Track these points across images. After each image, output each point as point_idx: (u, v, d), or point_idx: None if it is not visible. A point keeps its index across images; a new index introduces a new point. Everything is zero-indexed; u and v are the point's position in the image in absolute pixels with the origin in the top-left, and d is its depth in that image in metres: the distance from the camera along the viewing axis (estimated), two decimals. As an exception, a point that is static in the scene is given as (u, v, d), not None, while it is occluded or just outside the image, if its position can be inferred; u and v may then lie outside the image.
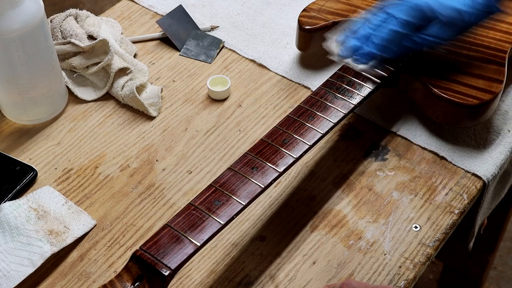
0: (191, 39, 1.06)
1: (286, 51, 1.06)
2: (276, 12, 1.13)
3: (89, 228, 0.82)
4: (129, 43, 1.04)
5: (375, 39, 0.86)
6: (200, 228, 0.69)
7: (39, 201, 0.82)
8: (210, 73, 1.02)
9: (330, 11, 1.00)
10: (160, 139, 0.93)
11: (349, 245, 0.82)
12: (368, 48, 0.87)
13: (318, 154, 0.92)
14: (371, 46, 0.87)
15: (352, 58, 0.88)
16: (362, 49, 0.87)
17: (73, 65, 0.97)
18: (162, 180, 0.88)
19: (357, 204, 0.86)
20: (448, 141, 0.93)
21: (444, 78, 0.90)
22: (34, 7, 0.85)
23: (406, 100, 0.97)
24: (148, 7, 1.13)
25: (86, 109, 0.97)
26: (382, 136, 0.94)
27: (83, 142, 0.93)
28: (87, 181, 0.88)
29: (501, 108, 0.97)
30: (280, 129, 0.81)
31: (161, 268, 0.66)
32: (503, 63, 0.91)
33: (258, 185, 0.74)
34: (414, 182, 0.88)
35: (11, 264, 0.76)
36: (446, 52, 0.92)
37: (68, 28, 0.98)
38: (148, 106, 0.95)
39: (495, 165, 0.90)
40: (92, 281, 0.78)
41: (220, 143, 0.93)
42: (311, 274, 0.79)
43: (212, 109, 0.97)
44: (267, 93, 0.99)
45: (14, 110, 0.94)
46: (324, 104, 0.85)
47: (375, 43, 0.86)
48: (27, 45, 0.86)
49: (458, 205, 0.86)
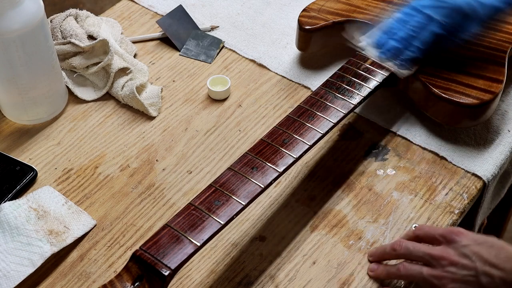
0: (191, 39, 1.06)
1: (286, 51, 1.05)
2: (276, 12, 1.13)
3: (89, 228, 0.82)
4: (129, 43, 1.04)
5: (419, 44, 0.86)
6: (200, 228, 0.69)
7: (39, 201, 0.82)
8: (210, 73, 1.02)
9: (330, 11, 1.00)
10: (160, 139, 0.93)
11: (349, 245, 0.82)
12: (414, 54, 0.87)
13: (318, 154, 0.92)
14: (416, 52, 0.87)
15: (397, 63, 0.88)
16: (406, 54, 0.87)
17: (73, 65, 0.97)
18: (162, 180, 0.88)
19: (357, 204, 0.86)
20: (448, 141, 0.93)
21: (444, 78, 0.90)
22: (34, 7, 0.85)
23: (406, 100, 0.96)
24: (148, 7, 1.13)
25: (86, 109, 0.97)
26: (382, 136, 0.94)
27: (83, 142, 0.93)
28: (87, 181, 0.88)
29: (501, 108, 0.97)
30: (280, 129, 0.81)
31: (161, 268, 0.66)
32: (503, 63, 0.91)
33: (258, 185, 0.74)
34: (414, 182, 0.88)
35: (11, 264, 0.76)
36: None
37: (68, 28, 0.98)
38: (148, 106, 0.95)
39: (495, 165, 0.90)
40: (92, 281, 0.78)
41: (220, 143, 0.93)
42: (311, 274, 0.79)
43: (212, 109, 0.97)
44: (267, 93, 0.99)
45: (14, 110, 0.94)
46: (324, 104, 0.85)
47: (420, 49, 0.86)
48: (27, 45, 0.86)
49: (458, 205, 0.86)
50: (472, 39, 0.92)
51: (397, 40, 0.87)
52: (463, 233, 0.74)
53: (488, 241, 0.73)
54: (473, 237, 0.73)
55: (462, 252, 0.72)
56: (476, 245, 0.72)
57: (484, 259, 0.71)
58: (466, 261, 0.72)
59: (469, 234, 0.74)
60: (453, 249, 0.73)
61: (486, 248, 0.72)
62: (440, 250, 0.74)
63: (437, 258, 0.73)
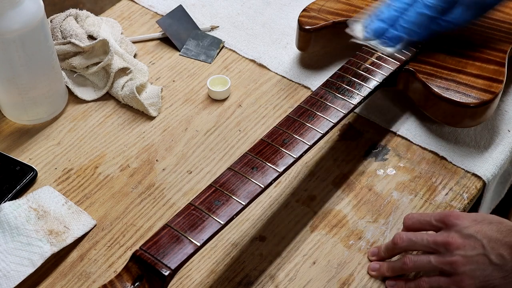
0: (191, 39, 1.06)
1: (286, 51, 1.05)
2: (276, 12, 1.13)
3: (89, 228, 0.82)
4: (129, 43, 1.04)
5: (403, 23, 0.89)
6: (200, 228, 0.69)
7: (39, 201, 0.82)
8: (210, 73, 1.02)
9: (330, 11, 1.00)
10: (160, 139, 0.93)
11: (349, 245, 0.82)
12: (397, 32, 0.90)
13: (318, 154, 0.92)
14: (399, 30, 0.90)
15: (380, 41, 0.91)
16: (389, 32, 0.90)
17: (73, 65, 0.97)
18: (162, 180, 0.88)
19: (357, 204, 0.86)
20: (448, 141, 0.93)
21: (444, 78, 0.90)
22: (34, 7, 0.85)
23: (406, 100, 0.96)
24: (148, 7, 1.13)
25: (86, 109, 0.97)
26: (382, 136, 0.94)
27: (83, 142, 0.93)
28: (87, 181, 0.88)
29: (501, 108, 0.97)
30: (280, 129, 0.81)
31: (161, 268, 0.66)
32: (503, 63, 0.91)
33: (258, 185, 0.74)
34: (414, 182, 0.88)
35: (11, 264, 0.76)
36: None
37: (68, 28, 0.98)
38: (148, 106, 0.95)
39: (495, 165, 0.90)
40: (92, 281, 0.78)
41: (220, 143, 0.93)
42: (311, 274, 0.79)
43: (212, 109, 0.97)
44: (267, 93, 0.99)
45: (14, 110, 0.94)
46: (324, 104, 0.85)
47: (403, 27, 0.89)
48: (27, 45, 0.86)
49: (458, 205, 0.86)
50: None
51: (382, 20, 0.91)
52: (460, 215, 0.74)
53: (486, 218, 0.74)
54: (471, 217, 0.74)
55: (466, 233, 0.72)
56: (477, 224, 0.73)
57: (488, 236, 0.72)
58: (472, 242, 0.72)
59: (466, 215, 0.74)
60: (455, 232, 0.73)
61: (487, 225, 0.72)
62: (444, 235, 0.73)
63: (443, 244, 0.73)
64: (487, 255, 0.71)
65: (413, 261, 0.75)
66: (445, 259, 0.73)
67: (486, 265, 0.71)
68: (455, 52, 0.93)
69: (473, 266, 0.71)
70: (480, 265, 0.71)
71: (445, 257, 0.73)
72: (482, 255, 0.71)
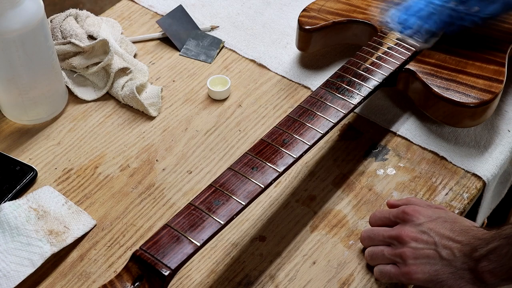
0: (191, 39, 1.06)
1: (286, 51, 1.06)
2: (276, 12, 1.13)
3: (89, 228, 0.82)
4: (129, 43, 1.04)
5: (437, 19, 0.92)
6: (200, 228, 0.69)
7: (39, 201, 0.82)
8: (210, 73, 1.02)
9: (330, 11, 1.00)
10: (160, 139, 0.93)
11: (349, 245, 0.82)
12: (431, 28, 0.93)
13: (318, 154, 0.92)
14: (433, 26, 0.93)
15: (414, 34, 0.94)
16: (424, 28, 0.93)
17: (73, 65, 0.97)
18: (162, 180, 0.88)
19: (357, 204, 0.86)
20: (448, 141, 0.93)
21: (444, 78, 0.90)
22: (34, 7, 0.85)
23: (406, 100, 0.97)
24: (148, 7, 1.13)
25: (86, 109, 0.97)
26: (382, 136, 0.94)
27: (83, 142, 0.93)
28: (87, 181, 0.88)
29: (501, 108, 0.97)
30: (280, 129, 0.81)
31: (161, 268, 0.66)
32: (503, 63, 0.91)
33: (258, 185, 0.74)
34: (414, 182, 0.88)
35: (11, 264, 0.76)
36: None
37: (68, 28, 0.98)
38: (148, 106, 0.95)
39: (495, 165, 0.90)
40: (92, 281, 0.78)
41: (220, 143, 0.93)
42: (311, 274, 0.79)
43: (212, 109, 0.97)
44: (267, 93, 0.99)
45: (14, 110, 0.94)
46: (324, 104, 0.85)
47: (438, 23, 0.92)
48: (27, 45, 0.86)
49: (458, 205, 0.86)
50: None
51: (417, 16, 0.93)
52: (417, 210, 0.77)
53: (441, 216, 0.76)
54: (427, 213, 0.76)
55: (419, 229, 0.75)
56: (431, 222, 0.75)
57: (441, 234, 0.74)
58: (424, 237, 0.74)
59: (422, 211, 0.76)
60: (410, 227, 0.75)
61: (441, 223, 0.75)
62: (397, 229, 0.76)
63: (396, 237, 0.76)
64: (437, 251, 0.73)
65: (369, 254, 0.78)
66: (396, 251, 0.75)
67: (436, 259, 0.73)
68: (455, 52, 0.93)
69: (424, 259, 0.73)
70: (430, 259, 0.73)
71: (397, 249, 0.75)
72: (433, 250, 0.73)
